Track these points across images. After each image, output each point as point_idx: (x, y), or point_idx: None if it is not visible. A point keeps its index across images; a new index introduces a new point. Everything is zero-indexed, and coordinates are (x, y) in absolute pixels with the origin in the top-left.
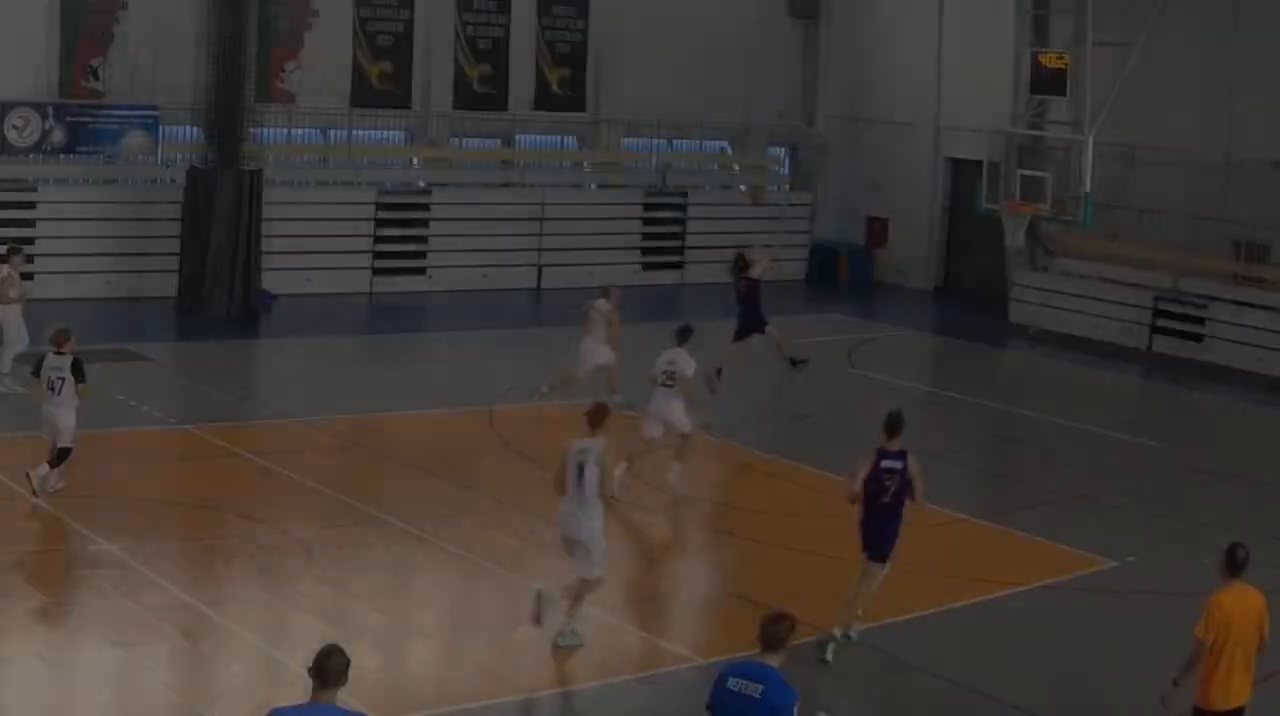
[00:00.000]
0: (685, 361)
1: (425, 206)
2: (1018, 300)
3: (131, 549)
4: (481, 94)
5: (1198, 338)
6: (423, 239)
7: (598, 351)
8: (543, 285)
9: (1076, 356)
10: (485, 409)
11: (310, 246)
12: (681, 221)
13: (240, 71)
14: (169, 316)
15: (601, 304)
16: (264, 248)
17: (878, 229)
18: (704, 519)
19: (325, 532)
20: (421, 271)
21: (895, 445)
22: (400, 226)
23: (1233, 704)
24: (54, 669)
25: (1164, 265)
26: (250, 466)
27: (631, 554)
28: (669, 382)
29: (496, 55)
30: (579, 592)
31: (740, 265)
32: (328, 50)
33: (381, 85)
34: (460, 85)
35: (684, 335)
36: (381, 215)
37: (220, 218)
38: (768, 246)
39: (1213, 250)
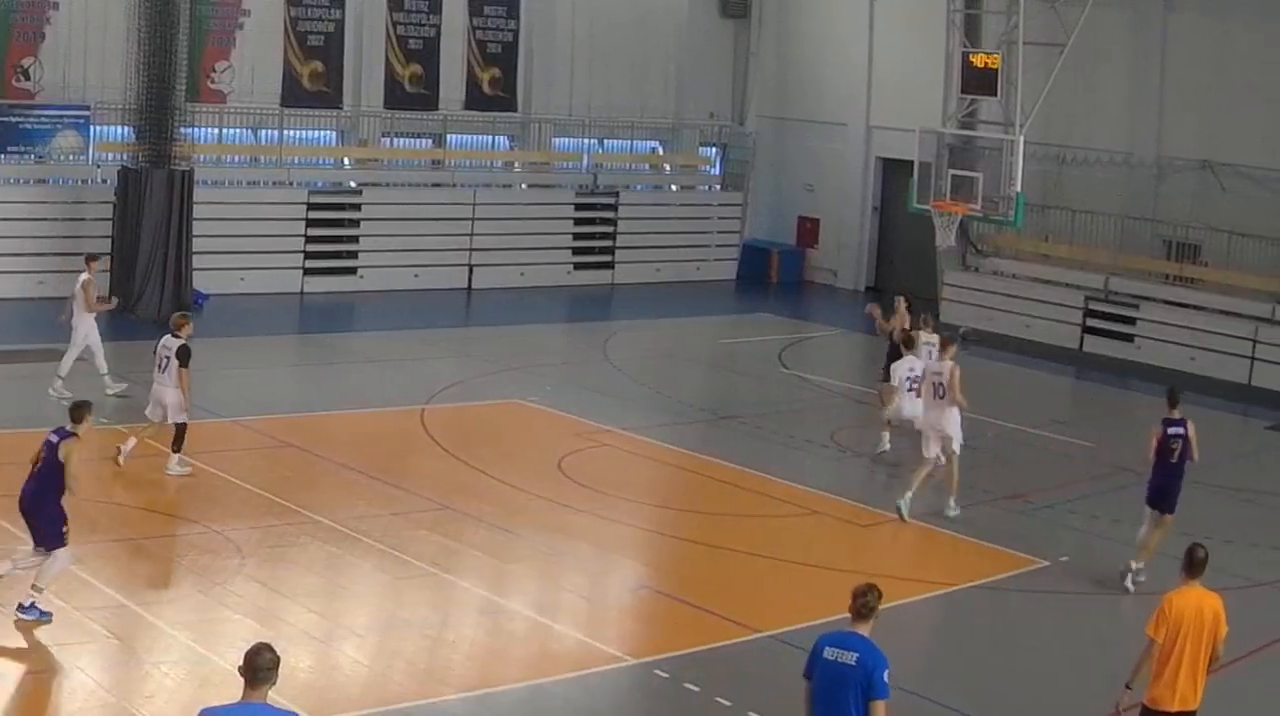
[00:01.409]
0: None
1: (356, 206)
2: (949, 300)
3: None
4: (412, 94)
5: (1129, 337)
6: (354, 239)
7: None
8: (474, 285)
9: (1008, 356)
10: (417, 408)
11: (242, 246)
12: (613, 221)
13: (171, 71)
14: (100, 317)
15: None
16: (195, 247)
17: (808, 228)
18: (635, 518)
19: (257, 532)
20: (353, 271)
21: (1176, 413)
22: (331, 226)
23: (1179, 706)
24: None
25: (1095, 265)
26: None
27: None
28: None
29: (427, 55)
30: (931, 473)
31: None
32: (259, 50)
33: (312, 85)
34: (391, 85)
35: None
36: (313, 215)
37: (151, 217)
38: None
39: (1144, 250)
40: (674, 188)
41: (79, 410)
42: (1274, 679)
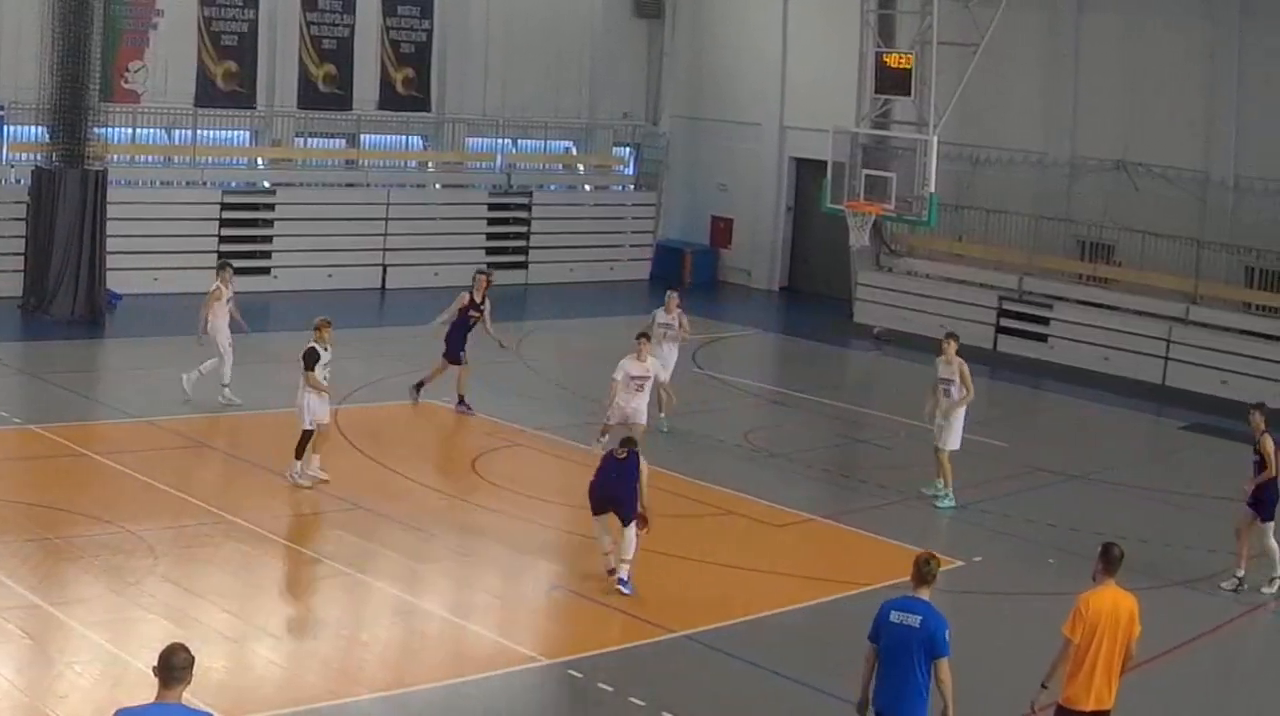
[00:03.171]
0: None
1: (270, 206)
2: (863, 300)
3: None
4: (326, 94)
5: (1043, 337)
6: (268, 239)
7: None
8: (388, 285)
9: (922, 356)
10: (330, 408)
11: (155, 246)
12: (526, 221)
13: (85, 71)
14: (14, 316)
15: None
16: (109, 247)
17: (722, 228)
18: (548, 518)
19: (171, 532)
20: (266, 271)
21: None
22: (245, 226)
23: (1094, 705)
24: None
25: (1009, 265)
26: (96, 466)
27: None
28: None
29: (341, 55)
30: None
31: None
32: (172, 50)
33: (226, 85)
34: (305, 85)
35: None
36: (227, 215)
37: (65, 217)
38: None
39: (1057, 250)
40: (588, 188)
41: (628, 444)
42: (1187, 678)
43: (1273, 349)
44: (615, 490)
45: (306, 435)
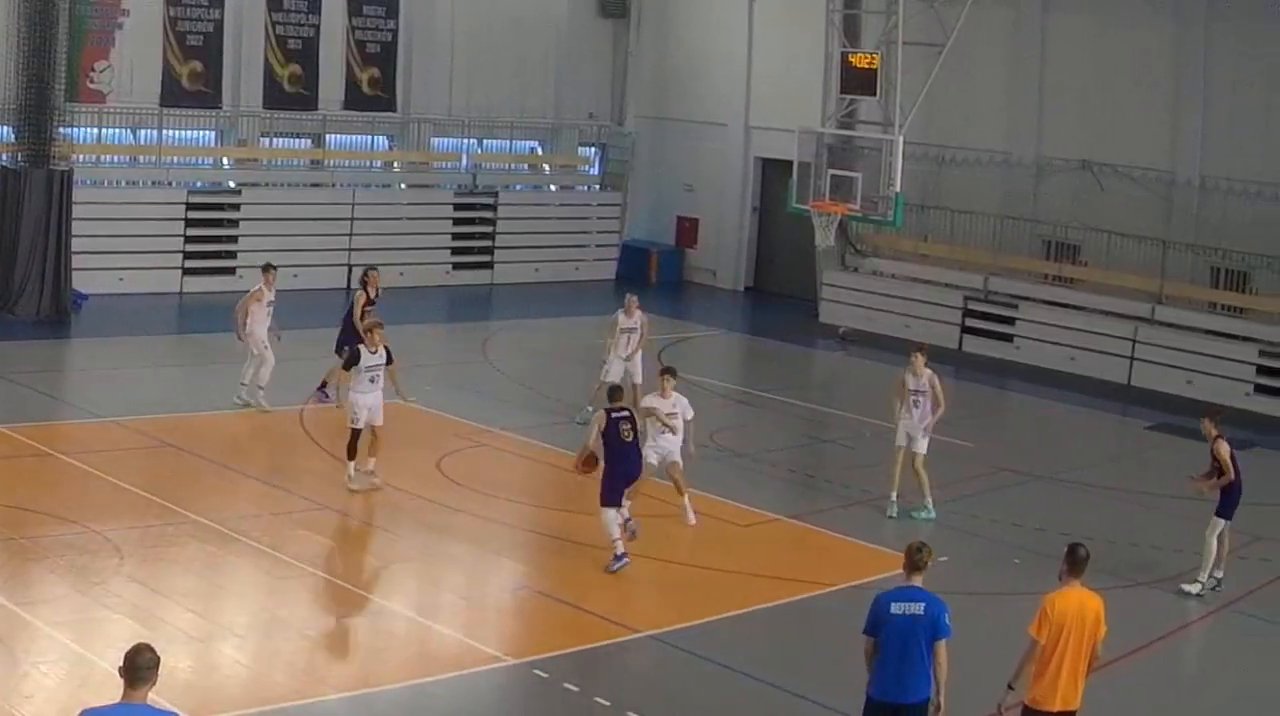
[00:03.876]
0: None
1: (236, 206)
2: (828, 300)
3: None
4: (292, 94)
5: (1008, 338)
6: (233, 239)
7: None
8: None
9: (887, 356)
10: (296, 409)
11: (121, 246)
12: (492, 221)
13: (50, 71)
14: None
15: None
16: (74, 247)
17: (687, 228)
18: (514, 518)
19: (136, 532)
20: (232, 271)
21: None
22: (211, 226)
23: (1061, 706)
24: None
25: (974, 265)
26: (61, 466)
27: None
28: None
29: (306, 55)
30: (922, 477)
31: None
32: (138, 50)
33: (192, 85)
34: (270, 85)
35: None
36: (192, 215)
37: (30, 218)
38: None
39: (1023, 250)
40: (553, 188)
41: (616, 393)
42: (1154, 678)
43: (1238, 349)
44: (637, 468)
45: (355, 434)
